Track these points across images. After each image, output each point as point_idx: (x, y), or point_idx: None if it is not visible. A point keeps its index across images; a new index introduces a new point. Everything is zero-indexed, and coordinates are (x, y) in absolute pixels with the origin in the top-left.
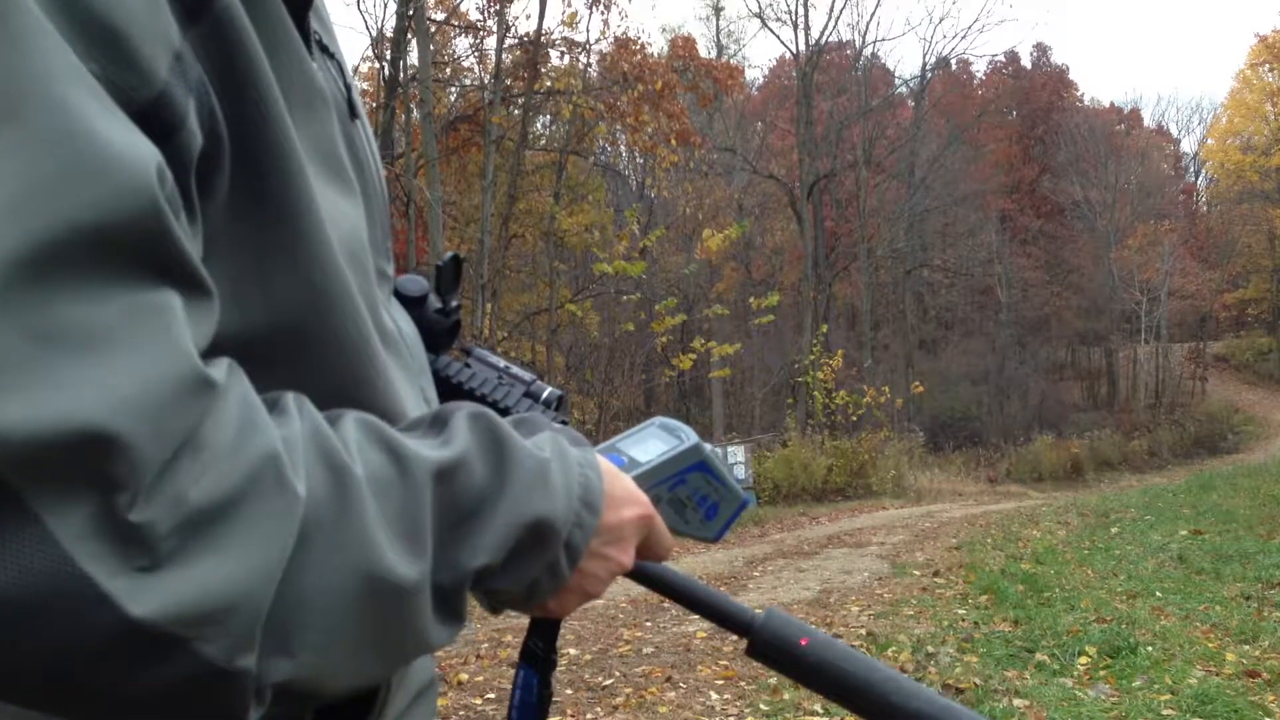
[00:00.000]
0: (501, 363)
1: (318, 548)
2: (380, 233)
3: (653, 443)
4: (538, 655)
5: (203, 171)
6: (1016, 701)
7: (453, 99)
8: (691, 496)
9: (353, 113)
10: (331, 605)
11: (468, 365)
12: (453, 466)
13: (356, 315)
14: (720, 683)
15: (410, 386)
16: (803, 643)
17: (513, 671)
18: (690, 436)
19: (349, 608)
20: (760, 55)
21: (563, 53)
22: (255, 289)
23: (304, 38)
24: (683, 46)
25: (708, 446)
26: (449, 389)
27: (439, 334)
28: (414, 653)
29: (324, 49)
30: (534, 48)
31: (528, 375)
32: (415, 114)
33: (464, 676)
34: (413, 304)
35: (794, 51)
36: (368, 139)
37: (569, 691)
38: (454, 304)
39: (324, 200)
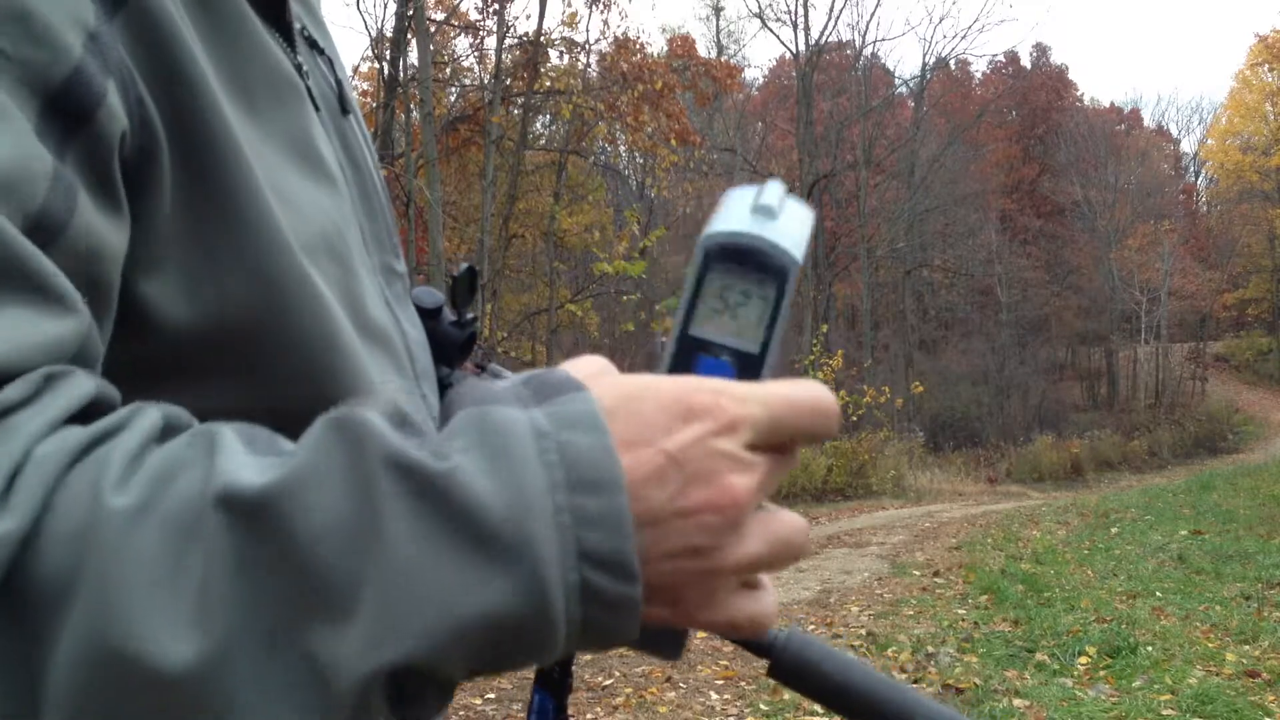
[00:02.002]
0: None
1: (53, 598)
2: (384, 229)
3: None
4: (553, 678)
5: (138, 163)
6: (1016, 701)
7: (453, 99)
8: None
9: (344, 109)
10: (68, 683)
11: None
12: (274, 496)
13: (319, 309)
14: (720, 683)
15: (405, 386)
16: (825, 665)
17: (512, 671)
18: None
19: (93, 692)
20: (760, 55)
21: (562, 53)
22: (208, 283)
23: (285, 30)
24: (681, 45)
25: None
26: None
27: (454, 347)
28: None
29: (312, 44)
30: (534, 48)
31: None
32: (415, 114)
33: None
34: (427, 316)
35: (794, 51)
36: (363, 136)
37: None
38: (469, 316)
39: (292, 191)
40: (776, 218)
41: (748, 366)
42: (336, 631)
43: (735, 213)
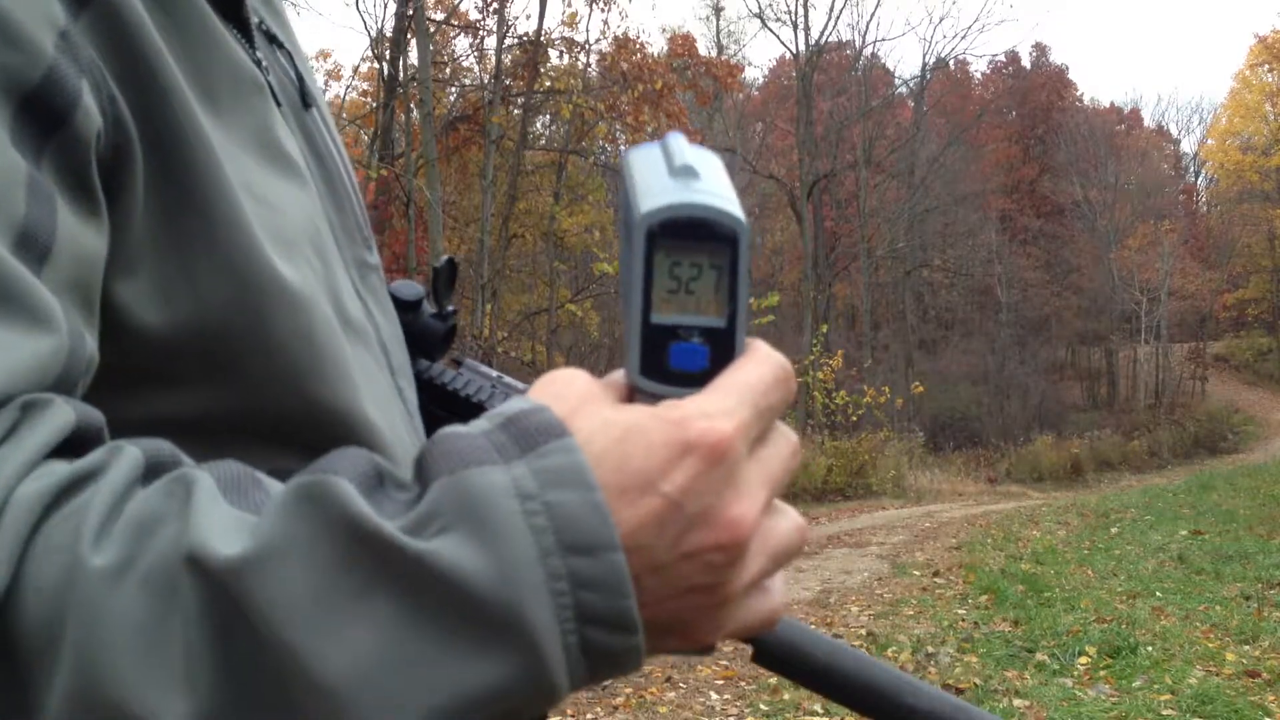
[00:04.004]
0: (494, 373)
1: (29, 657)
2: (354, 222)
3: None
4: None
5: (112, 164)
6: (1016, 701)
7: (453, 99)
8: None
9: (306, 102)
10: None
11: (460, 374)
12: (243, 571)
13: (297, 309)
14: (720, 683)
15: (382, 380)
16: (810, 648)
17: None
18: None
19: None
20: (760, 55)
21: (562, 52)
22: (183, 285)
23: (242, 25)
24: (681, 44)
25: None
26: (440, 394)
27: (435, 339)
28: None
29: (271, 38)
30: (534, 48)
31: (522, 385)
32: (415, 114)
33: None
34: (407, 309)
35: (794, 51)
36: (328, 129)
37: None
38: (450, 309)
39: (264, 189)
40: (700, 176)
41: (720, 342)
42: (326, 705)
43: (656, 181)
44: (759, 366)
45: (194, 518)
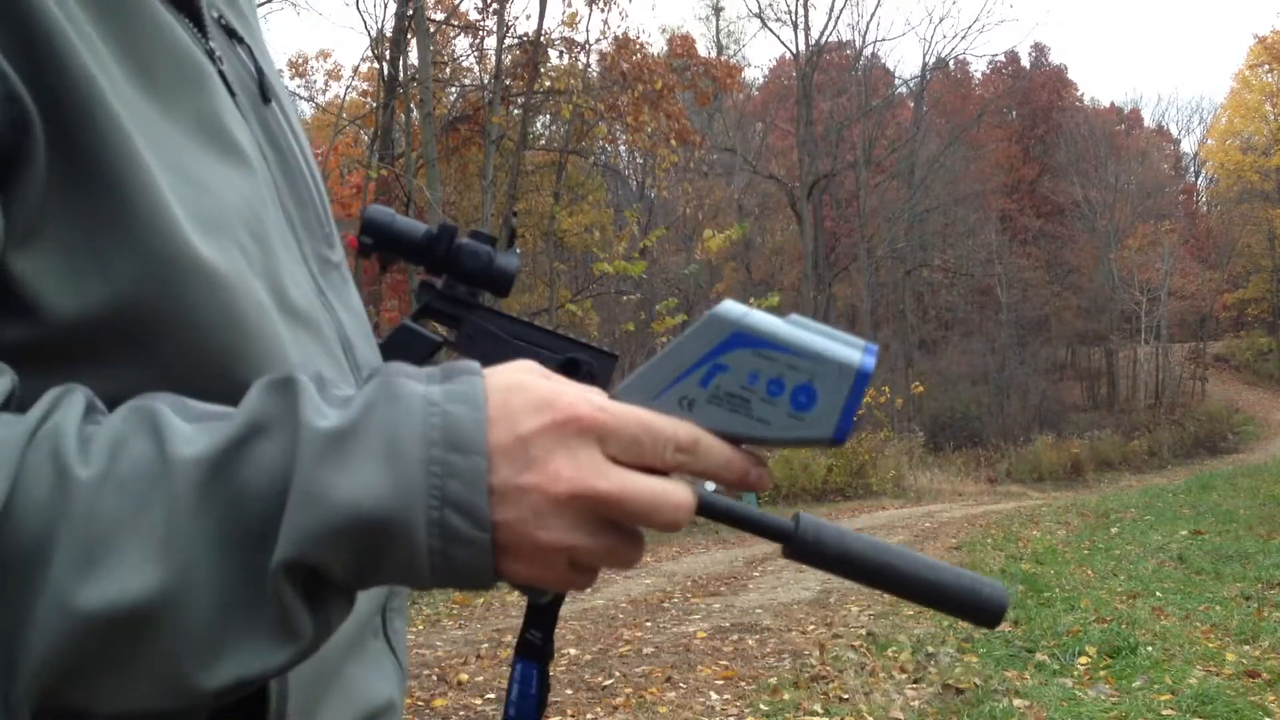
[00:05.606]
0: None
1: (31, 559)
2: (314, 217)
3: (676, 342)
4: (535, 646)
5: (11, 139)
6: (1016, 701)
7: (453, 99)
8: (748, 384)
9: (265, 97)
10: (50, 625)
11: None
12: (225, 452)
13: (220, 289)
14: (720, 683)
15: (336, 373)
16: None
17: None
18: (722, 309)
19: (71, 627)
20: (760, 55)
21: (562, 53)
22: (92, 264)
23: (196, 17)
24: (681, 45)
25: (759, 314)
26: None
27: (509, 277)
28: (198, 678)
29: (231, 33)
30: (534, 48)
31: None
32: (415, 114)
33: (464, 677)
34: (488, 241)
35: (794, 51)
36: (289, 124)
37: (569, 691)
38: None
39: (198, 169)
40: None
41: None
42: (266, 547)
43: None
44: (662, 417)
45: (165, 429)
